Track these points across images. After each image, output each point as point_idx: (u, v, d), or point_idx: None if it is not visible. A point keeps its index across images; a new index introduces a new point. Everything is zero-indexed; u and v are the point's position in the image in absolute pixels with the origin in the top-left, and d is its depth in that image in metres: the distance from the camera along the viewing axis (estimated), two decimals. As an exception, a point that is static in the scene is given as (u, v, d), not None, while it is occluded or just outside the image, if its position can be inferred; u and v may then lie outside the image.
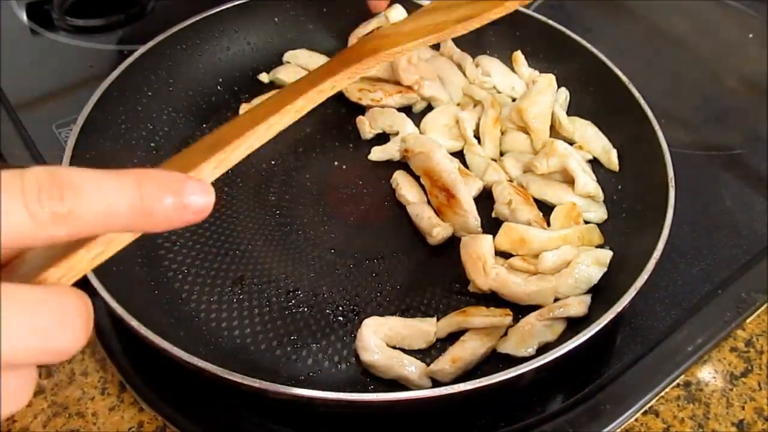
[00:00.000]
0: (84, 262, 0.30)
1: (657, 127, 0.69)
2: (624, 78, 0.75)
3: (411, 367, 0.58)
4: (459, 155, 0.77)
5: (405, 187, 0.73)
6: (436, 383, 0.58)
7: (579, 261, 0.64)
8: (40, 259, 0.30)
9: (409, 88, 0.81)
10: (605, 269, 0.64)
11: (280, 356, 0.61)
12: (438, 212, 0.70)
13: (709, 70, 0.95)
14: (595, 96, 0.79)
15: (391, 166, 0.76)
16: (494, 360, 0.60)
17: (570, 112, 0.80)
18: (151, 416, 0.59)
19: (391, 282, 0.67)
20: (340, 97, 0.84)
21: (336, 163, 0.78)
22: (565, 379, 0.61)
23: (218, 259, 0.68)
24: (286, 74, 0.85)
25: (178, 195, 0.29)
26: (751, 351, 0.65)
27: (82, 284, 0.30)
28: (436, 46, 0.88)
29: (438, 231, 0.68)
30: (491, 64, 0.84)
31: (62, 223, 0.27)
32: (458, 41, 0.88)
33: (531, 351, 0.59)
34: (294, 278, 0.66)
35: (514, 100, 0.82)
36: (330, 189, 0.75)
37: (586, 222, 0.70)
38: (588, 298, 0.62)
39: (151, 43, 0.78)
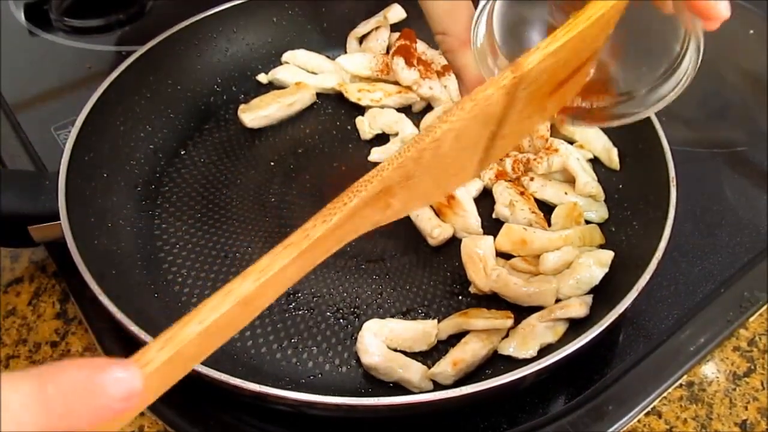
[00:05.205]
0: None
1: (658, 124, 0.69)
2: (625, 76, 0.74)
3: (412, 370, 0.58)
4: (459, 155, 0.77)
5: (405, 187, 0.72)
6: (437, 385, 0.58)
7: (580, 261, 0.63)
8: None
9: (409, 88, 0.81)
10: (607, 269, 0.63)
11: (281, 359, 0.60)
12: (438, 213, 0.70)
13: (710, 66, 0.94)
14: (595, 94, 0.78)
15: (391, 166, 0.76)
16: (496, 361, 0.60)
17: (570, 110, 0.79)
18: (151, 420, 0.58)
19: (391, 284, 0.66)
20: (339, 98, 0.83)
21: (336, 164, 0.78)
22: (566, 380, 0.60)
23: (218, 261, 0.68)
24: (284, 74, 0.84)
25: (94, 396, 0.27)
26: (754, 350, 0.65)
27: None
28: (436, 46, 0.88)
29: (438, 232, 0.68)
30: (491, 62, 0.84)
31: None
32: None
33: (532, 353, 0.58)
34: (294, 280, 0.66)
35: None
36: (330, 190, 0.74)
37: (588, 222, 0.70)
38: (589, 299, 0.62)
39: (149, 44, 0.78)
